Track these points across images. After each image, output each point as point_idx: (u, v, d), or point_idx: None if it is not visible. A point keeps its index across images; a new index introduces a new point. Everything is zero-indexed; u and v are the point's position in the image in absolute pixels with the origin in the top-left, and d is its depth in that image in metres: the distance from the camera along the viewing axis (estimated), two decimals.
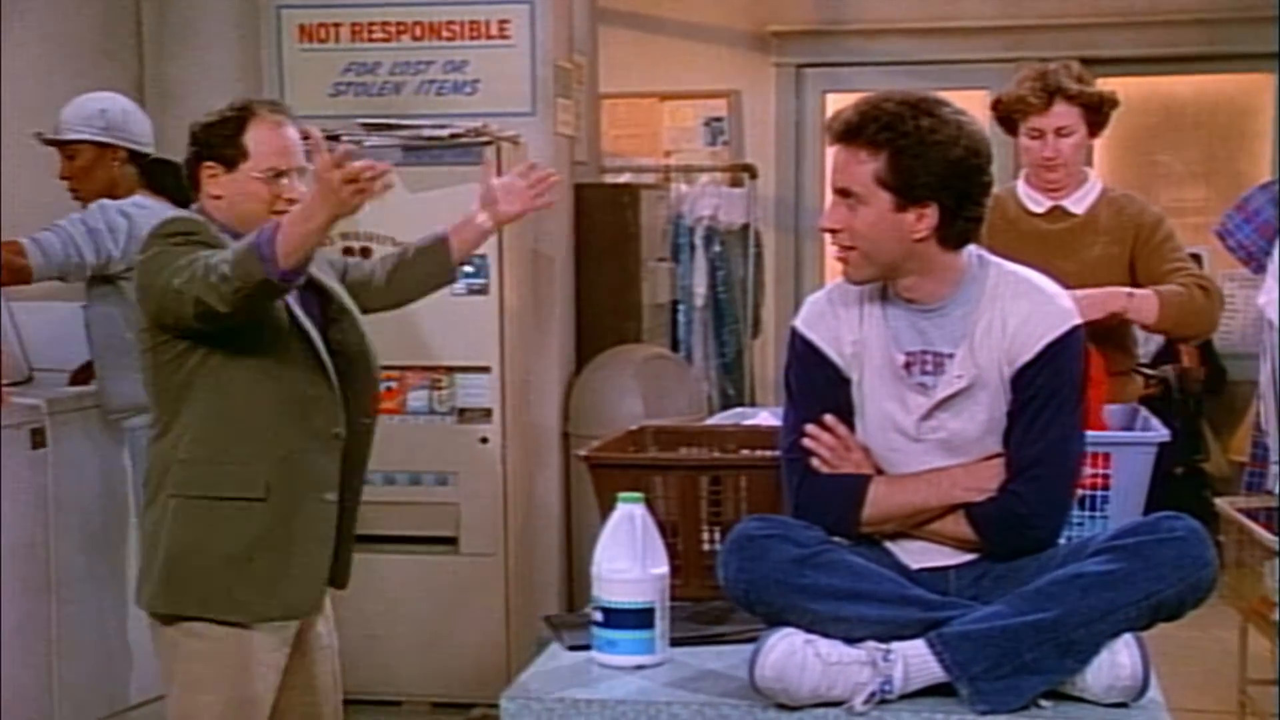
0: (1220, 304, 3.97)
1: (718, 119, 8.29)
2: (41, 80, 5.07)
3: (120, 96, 4.61)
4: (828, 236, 2.67)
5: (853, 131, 2.59)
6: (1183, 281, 3.89)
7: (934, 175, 2.58)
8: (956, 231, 2.63)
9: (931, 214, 2.60)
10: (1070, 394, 2.65)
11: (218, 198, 3.30)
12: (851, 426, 2.70)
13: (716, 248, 6.97)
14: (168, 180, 4.55)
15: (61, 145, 4.51)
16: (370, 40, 5.52)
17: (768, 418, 3.59)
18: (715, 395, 6.88)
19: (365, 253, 5.18)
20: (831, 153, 2.64)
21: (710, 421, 3.94)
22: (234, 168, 3.28)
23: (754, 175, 7.33)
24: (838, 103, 8.21)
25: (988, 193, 2.66)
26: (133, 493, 4.50)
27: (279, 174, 3.30)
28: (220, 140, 3.29)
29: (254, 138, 3.28)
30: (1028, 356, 2.62)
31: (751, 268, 7.18)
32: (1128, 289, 3.83)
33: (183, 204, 4.12)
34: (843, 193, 2.62)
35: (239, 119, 3.30)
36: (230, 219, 3.28)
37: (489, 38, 5.45)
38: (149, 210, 4.24)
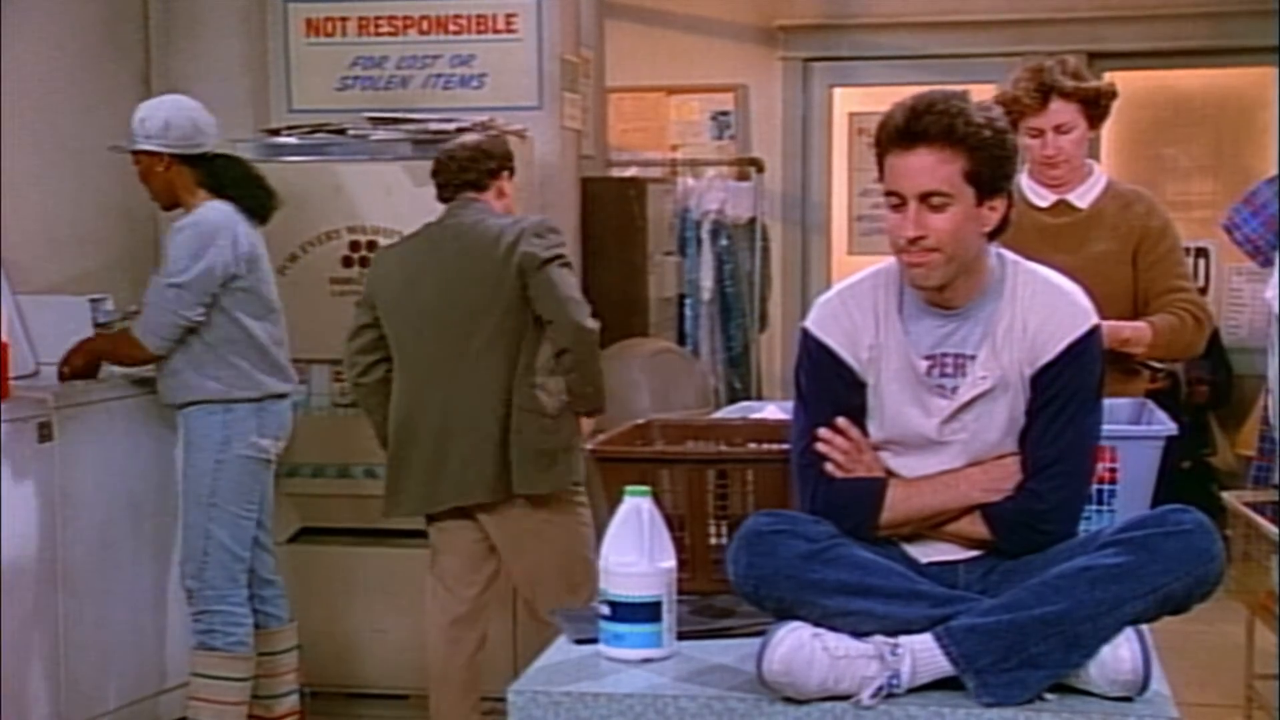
0: (1209, 328, 4.02)
1: (724, 113, 8.29)
2: (46, 74, 5.08)
3: (169, 100, 4.65)
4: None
5: (934, 131, 2.55)
6: (1178, 309, 3.91)
7: (1007, 163, 2.62)
8: (1004, 224, 2.66)
9: (1001, 206, 2.63)
10: (1090, 393, 2.65)
11: (504, 197, 4.61)
12: (863, 428, 2.70)
13: (723, 242, 6.96)
14: (227, 176, 4.61)
15: (143, 153, 4.59)
16: (377, 34, 5.52)
17: (775, 411, 3.58)
18: (722, 389, 6.88)
19: (371, 246, 5.19)
20: (904, 158, 2.58)
21: (717, 415, 3.94)
22: (513, 176, 4.68)
23: (761, 169, 7.32)
24: (844, 97, 8.25)
25: None
26: (180, 472, 4.65)
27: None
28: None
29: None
30: (1049, 357, 2.62)
31: (758, 262, 7.17)
32: (1124, 324, 3.83)
33: (243, 197, 4.62)
34: (926, 196, 2.57)
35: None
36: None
37: (496, 32, 5.45)
38: (209, 219, 4.51)
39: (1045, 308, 2.65)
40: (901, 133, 2.58)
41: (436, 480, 4.55)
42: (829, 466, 2.68)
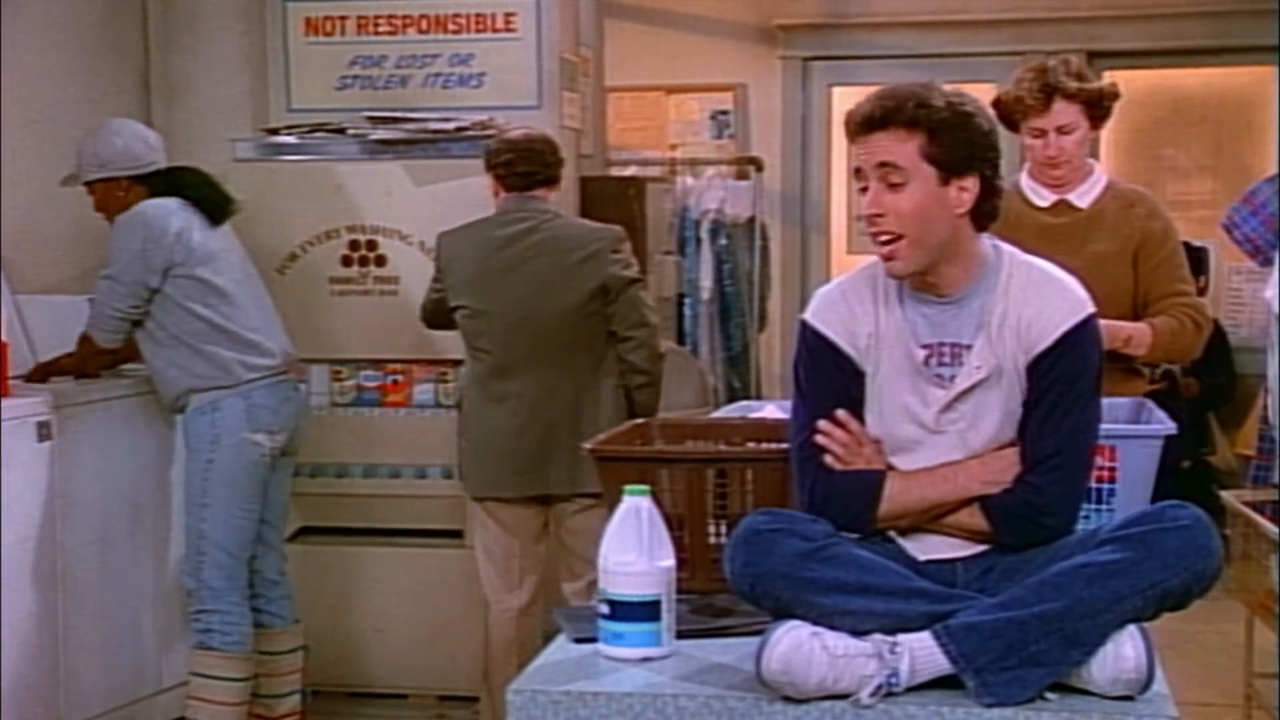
0: (1208, 331, 4.04)
1: (724, 112, 8.29)
2: (46, 74, 5.07)
3: (115, 125, 4.67)
4: (857, 230, 2.68)
5: (888, 115, 2.58)
6: (1179, 313, 3.92)
7: (974, 144, 2.61)
8: (988, 208, 2.65)
9: (972, 185, 2.62)
10: (1087, 384, 2.65)
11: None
12: (862, 420, 2.70)
13: (723, 241, 6.96)
14: (185, 183, 4.64)
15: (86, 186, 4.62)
16: (376, 33, 5.51)
17: (774, 411, 3.58)
18: (721, 388, 6.88)
19: (371, 246, 5.19)
20: (864, 144, 2.61)
21: (716, 415, 3.94)
22: None
23: (760, 168, 7.31)
24: (844, 96, 8.24)
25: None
26: (179, 464, 4.70)
27: None
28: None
29: None
30: (1044, 346, 2.62)
31: (758, 261, 7.16)
32: (1126, 324, 3.83)
33: (199, 200, 4.61)
34: (883, 174, 2.59)
35: None
36: None
37: (495, 31, 5.45)
38: (144, 212, 4.52)
39: (1040, 296, 2.65)
40: (862, 120, 2.61)
41: (506, 468, 4.66)
42: (828, 459, 2.68)
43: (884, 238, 2.61)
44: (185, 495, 4.61)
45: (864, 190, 2.64)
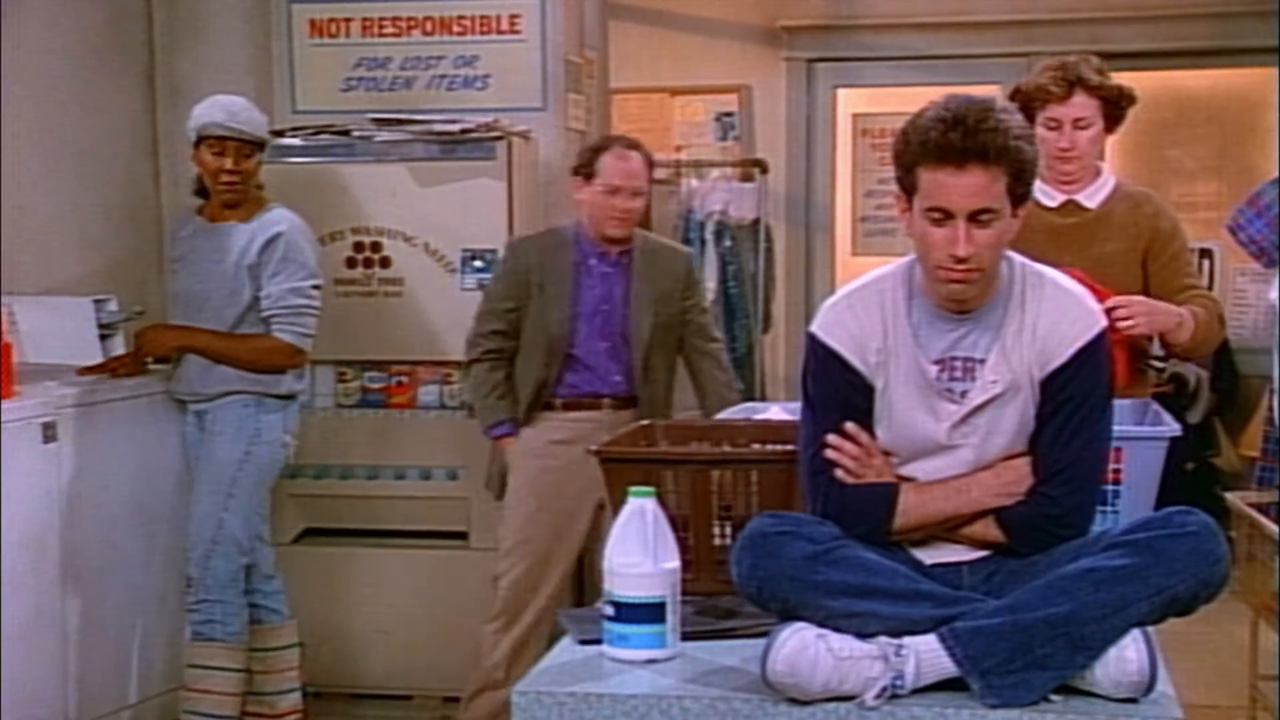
0: (1225, 327, 4.04)
1: (728, 114, 8.28)
2: (50, 75, 5.08)
3: None
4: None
5: (996, 151, 2.51)
6: (1200, 304, 3.91)
7: (1034, 175, 2.61)
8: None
9: (1024, 212, 2.61)
10: (1100, 397, 2.65)
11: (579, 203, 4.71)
12: (872, 433, 2.69)
13: (727, 243, 6.96)
14: None
15: (246, 143, 4.61)
16: (381, 35, 5.52)
17: (778, 412, 3.59)
18: None
19: (376, 247, 5.19)
20: (955, 177, 2.51)
21: (721, 416, 3.94)
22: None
23: (765, 170, 7.32)
24: (848, 98, 8.24)
25: None
26: (183, 464, 4.73)
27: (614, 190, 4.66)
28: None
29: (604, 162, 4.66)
30: (1059, 362, 2.62)
31: (762, 263, 7.16)
32: (1173, 308, 3.81)
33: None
34: (976, 215, 2.53)
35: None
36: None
37: (500, 32, 5.45)
38: (299, 224, 4.69)
39: (1054, 311, 2.64)
40: (957, 150, 2.51)
41: None
42: (839, 473, 2.68)
43: (962, 275, 2.57)
44: (207, 482, 4.60)
45: (938, 222, 2.55)
